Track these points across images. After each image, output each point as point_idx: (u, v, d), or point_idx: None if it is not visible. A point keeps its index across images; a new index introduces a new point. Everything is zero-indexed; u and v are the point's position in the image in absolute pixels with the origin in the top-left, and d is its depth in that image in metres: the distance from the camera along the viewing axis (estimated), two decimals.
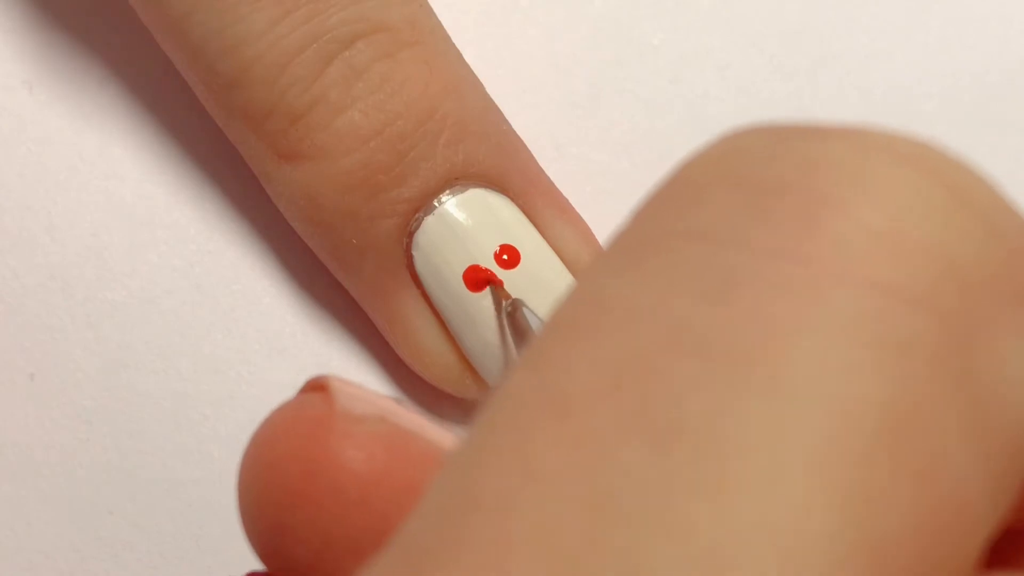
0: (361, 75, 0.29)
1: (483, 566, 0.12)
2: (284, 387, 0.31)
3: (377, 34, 0.29)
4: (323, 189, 0.29)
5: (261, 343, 0.32)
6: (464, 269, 0.29)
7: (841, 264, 0.13)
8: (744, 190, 0.13)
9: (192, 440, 0.31)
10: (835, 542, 0.12)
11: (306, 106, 0.28)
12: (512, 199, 0.29)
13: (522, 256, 0.29)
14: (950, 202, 0.13)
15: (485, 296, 0.29)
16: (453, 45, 0.30)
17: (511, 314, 0.28)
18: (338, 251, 0.30)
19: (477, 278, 0.29)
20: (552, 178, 0.31)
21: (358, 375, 0.31)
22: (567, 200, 0.31)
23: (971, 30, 0.33)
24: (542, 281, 0.29)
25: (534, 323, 0.27)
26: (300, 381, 0.31)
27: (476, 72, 0.31)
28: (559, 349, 0.13)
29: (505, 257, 0.29)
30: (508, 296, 0.28)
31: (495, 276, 0.29)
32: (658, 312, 0.13)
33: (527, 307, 0.28)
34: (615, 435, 0.12)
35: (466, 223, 0.29)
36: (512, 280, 0.29)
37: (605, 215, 0.31)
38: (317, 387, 0.18)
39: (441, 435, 0.18)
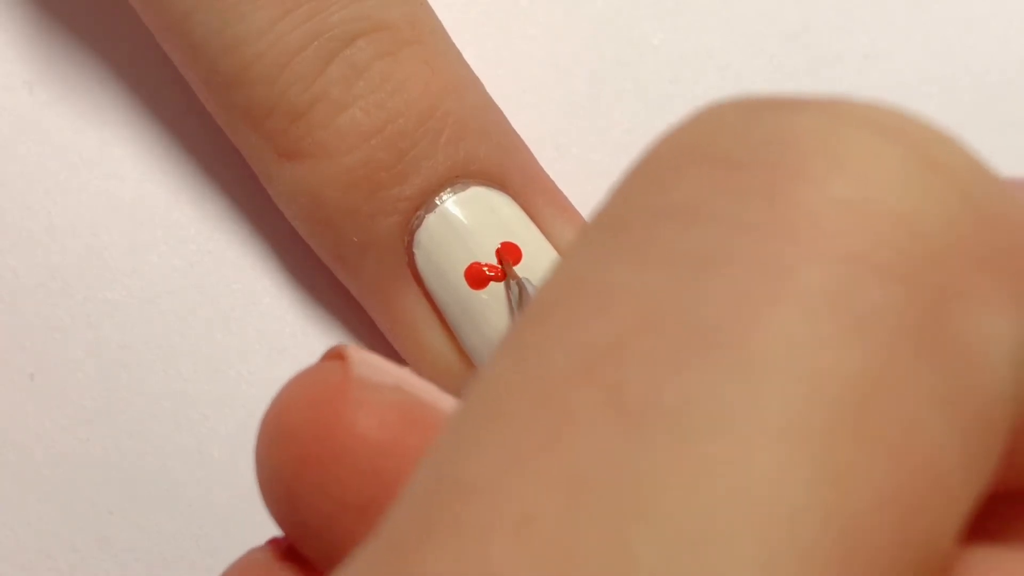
0: (362, 73, 0.29)
1: (465, 550, 0.12)
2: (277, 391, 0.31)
3: (378, 32, 0.29)
4: (324, 187, 0.29)
5: (261, 343, 0.32)
6: (465, 267, 0.29)
7: (812, 237, 0.13)
8: (717, 165, 0.13)
9: (192, 440, 0.31)
10: (809, 515, 0.12)
11: (307, 104, 0.28)
12: (513, 197, 0.29)
13: (523, 254, 0.29)
14: (921, 170, 0.13)
15: (486, 294, 0.29)
16: (453, 44, 0.30)
17: (519, 296, 0.28)
18: (339, 249, 0.30)
19: (479, 276, 0.29)
20: (552, 178, 0.31)
21: None
22: (567, 199, 0.31)
23: (971, 30, 0.33)
24: (542, 279, 0.29)
25: None
26: None
27: (476, 72, 0.31)
28: (536, 332, 0.13)
29: (506, 255, 0.29)
30: (516, 276, 0.28)
31: (498, 279, 0.29)
32: (633, 292, 0.13)
33: (532, 284, 0.28)
34: (591, 418, 0.12)
35: (467, 221, 0.29)
36: None
37: None
38: (336, 355, 0.18)
39: (455, 406, 0.18)
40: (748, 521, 0.12)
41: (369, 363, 0.18)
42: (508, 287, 0.28)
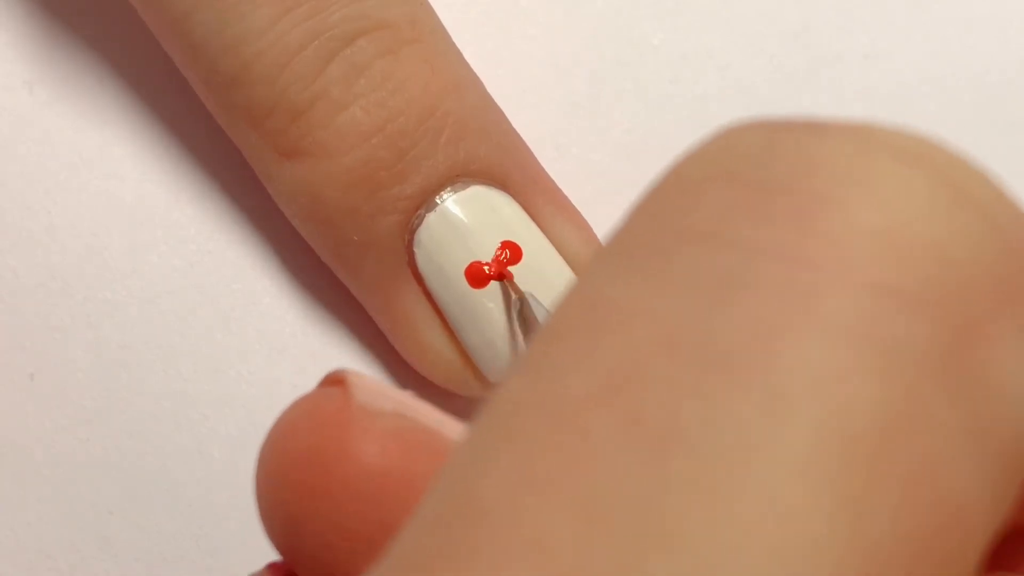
0: (362, 72, 0.29)
1: (479, 574, 0.12)
2: (284, 387, 0.31)
3: (378, 31, 0.29)
4: (324, 186, 0.29)
5: (261, 343, 0.32)
6: (466, 266, 0.29)
7: (836, 265, 0.12)
8: (741, 188, 0.13)
9: (192, 440, 0.31)
10: (829, 547, 0.11)
11: (307, 103, 0.28)
12: (513, 197, 0.29)
13: (523, 253, 0.29)
14: (948, 199, 0.13)
15: (487, 293, 0.29)
16: (453, 44, 0.30)
17: (520, 310, 0.28)
18: (339, 249, 0.30)
19: (479, 275, 0.29)
20: (552, 178, 0.31)
21: None
22: (567, 198, 0.31)
23: (971, 30, 0.33)
24: (543, 278, 0.29)
25: (541, 315, 0.27)
26: (300, 381, 0.31)
27: (476, 72, 0.31)
28: (555, 353, 0.13)
29: (506, 254, 0.29)
30: (519, 291, 0.28)
31: (506, 271, 0.29)
32: (653, 316, 0.13)
33: (535, 298, 0.28)
34: (611, 442, 0.12)
35: (467, 220, 0.29)
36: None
37: (605, 215, 0.31)
38: (335, 381, 0.18)
39: (458, 431, 0.18)
40: (767, 552, 0.11)
41: (369, 389, 0.17)
42: (510, 303, 0.28)
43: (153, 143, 0.32)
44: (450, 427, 0.18)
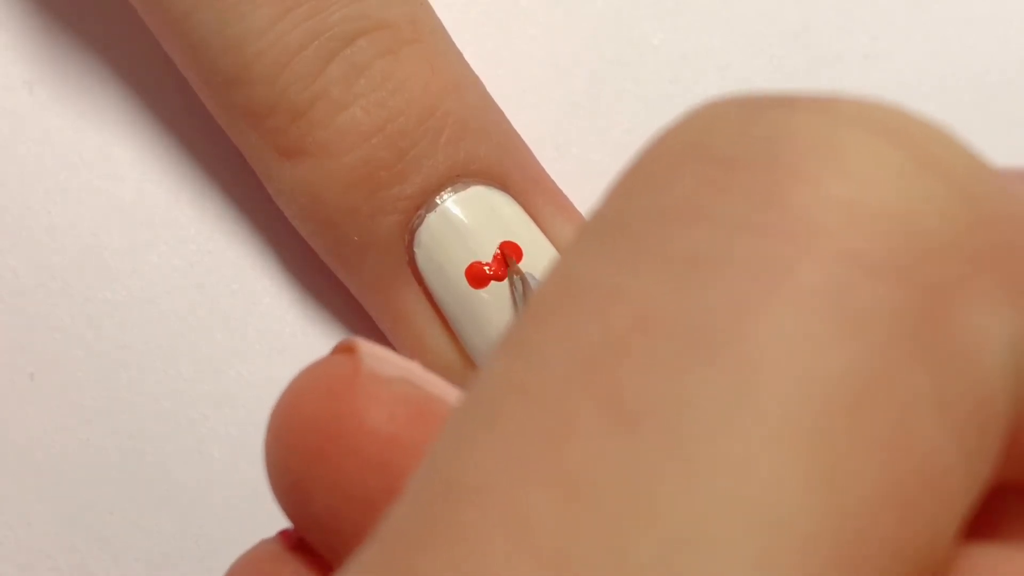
0: (363, 72, 0.29)
1: (463, 553, 0.12)
2: (284, 387, 0.31)
3: (378, 32, 0.29)
4: (325, 186, 0.29)
5: (261, 343, 0.32)
6: (466, 266, 0.29)
7: (805, 236, 0.13)
8: (713, 164, 0.13)
9: (192, 440, 0.31)
10: (806, 515, 0.12)
11: (308, 103, 0.28)
12: (513, 196, 0.29)
13: (523, 253, 0.29)
14: (917, 168, 0.13)
15: (487, 293, 0.29)
16: (453, 44, 0.30)
17: (523, 291, 0.28)
18: (339, 249, 0.30)
19: (479, 275, 0.29)
20: (552, 178, 0.31)
21: None
22: (567, 198, 0.31)
23: (971, 30, 0.33)
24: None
25: None
26: None
27: (476, 72, 0.31)
28: (531, 333, 0.13)
29: (507, 254, 0.29)
30: (519, 272, 0.28)
31: (499, 278, 0.29)
32: (628, 294, 0.13)
33: (535, 279, 0.28)
34: (586, 419, 0.12)
35: (468, 220, 0.29)
36: None
37: None
38: (346, 349, 0.18)
39: None
40: (745, 523, 0.12)
41: (379, 356, 0.18)
42: (512, 283, 0.28)
43: (153, 143, 0.32)
44: (456, 397, 0.18)
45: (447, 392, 0.18)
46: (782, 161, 0.13)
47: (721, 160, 0.13)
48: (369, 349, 0.18)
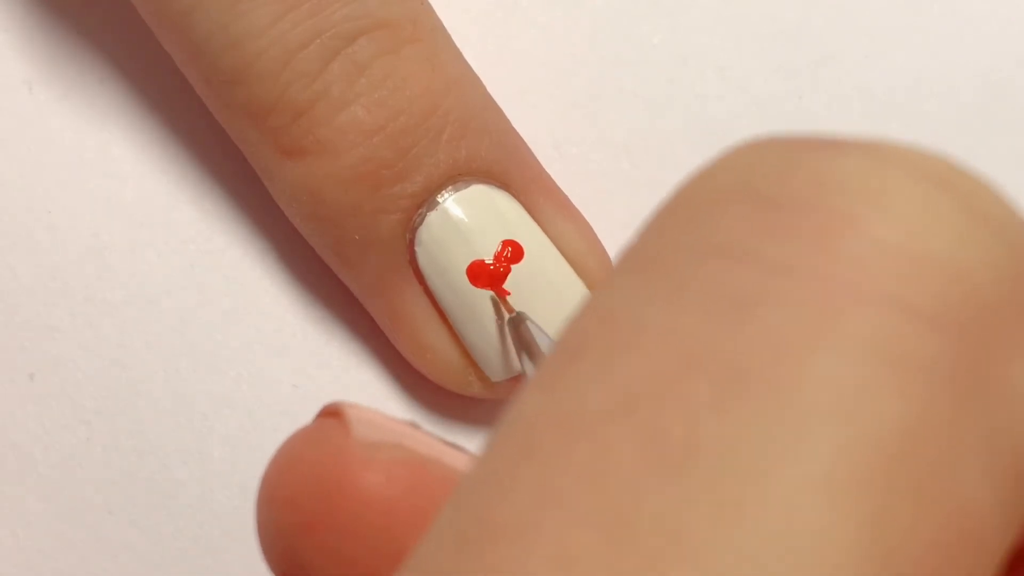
0: (364, 71, 0.29)
1: None
2: (284, 387, 0.31)
3: (380, 30, 0.29)
4: (326, 184, 0.29)
5: (261, 343, 0.31)
6: (467, 265, 0.29)
7: (856, 282, 0.12)
8: (758, 205, 0.13)
9: (192, 440, 0.31)
10: (850, 563, 0.11)
11: (309, 102, 0.28)
12: (514, 195, 0.29)
13: (524, 252, 0.29)
14: (966, 218, 0.13)
15: (488, 292, 0.29)
16: (453, 43, 0.30)
17: (515, 327, 0.28)
18: (340, 247, 0.30)
19: (481, 274, 0.29)
20: (552, 178, 0.31)
21: (359, 374, 0.31)
22: (567, 198, 0.31)
23: (971, 30, 0.33)
24: (544, 277, 0.29)
25: (538, 336, 0.27)
26: (300, 381, 0.31)
27: (476, 72, 0.31)
28: (571, 369, 0.13)
29: (508, 253, 0.29)
30: (511, 309, 0.28)
31: (500, 276, 0.29)
32: (672, 332, 0.13)
33: (531, 320, 0.28)
34: (630, 459, 0.12)
35: (469, 219, 0.29)
36: (514, 276, 0.29)
37: (605, 215, 0.31)
38: (332, 413, 0.18)
39: (458, 459, 0.18)
40: (791, 570, 0.11)
41: (367, 420, 0.17)
42: (504, 322, 0.28)
43: (153, 143, 0.32)
44: (451, 456, 0.18)
45: (441, 453, 0.17)
46: (830, 204, 0.13)
47: (767, 201, 0.13)
48: (356, 413, 0.18)
